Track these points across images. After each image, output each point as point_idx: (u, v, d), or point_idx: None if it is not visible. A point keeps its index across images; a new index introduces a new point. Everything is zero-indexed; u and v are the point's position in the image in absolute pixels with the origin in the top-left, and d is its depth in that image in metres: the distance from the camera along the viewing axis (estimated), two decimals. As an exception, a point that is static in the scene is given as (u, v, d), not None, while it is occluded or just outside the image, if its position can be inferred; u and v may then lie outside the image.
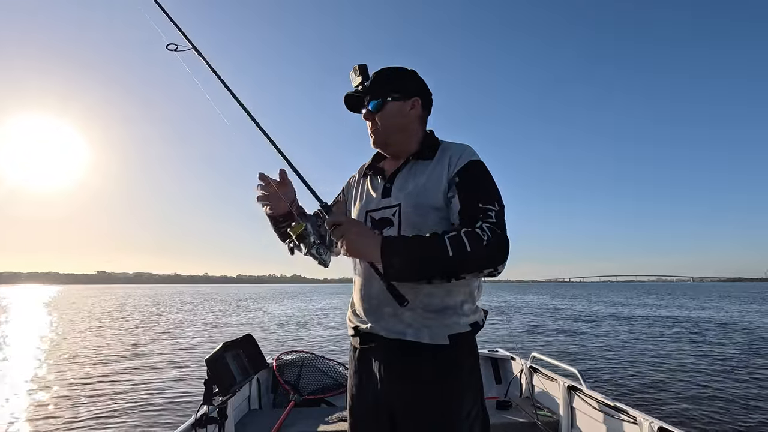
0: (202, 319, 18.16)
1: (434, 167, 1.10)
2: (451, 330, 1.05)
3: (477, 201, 1.00)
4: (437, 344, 1.04)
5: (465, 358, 1.07)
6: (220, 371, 1.51)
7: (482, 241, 0.91)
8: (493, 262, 0.93)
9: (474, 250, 0.90)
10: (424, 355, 1.04)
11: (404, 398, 1.04)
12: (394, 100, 1.14)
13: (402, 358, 1.06)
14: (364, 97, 1.16)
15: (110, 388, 6.22)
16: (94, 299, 42.34)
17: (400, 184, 1.13)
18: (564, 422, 2.50)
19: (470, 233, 0.92)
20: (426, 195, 1.07)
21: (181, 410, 5.09)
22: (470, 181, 1.04)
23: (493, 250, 0.92)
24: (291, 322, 16.61)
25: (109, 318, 19.08)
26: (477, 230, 0.93)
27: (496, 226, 0.95)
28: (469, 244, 0.90)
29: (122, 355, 9.04)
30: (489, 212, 0.98)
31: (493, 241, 0.92)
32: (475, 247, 0.90)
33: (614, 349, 9.53)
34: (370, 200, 1.18)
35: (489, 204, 0.99)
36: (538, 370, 2.90)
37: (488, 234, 0.92)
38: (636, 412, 2.01)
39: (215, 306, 28.80)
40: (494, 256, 0.92)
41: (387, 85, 1.14)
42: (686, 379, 6.58)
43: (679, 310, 21.64)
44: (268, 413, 2.74)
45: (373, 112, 1.14)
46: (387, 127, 1.14)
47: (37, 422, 4.80)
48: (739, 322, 15.07)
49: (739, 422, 4.59)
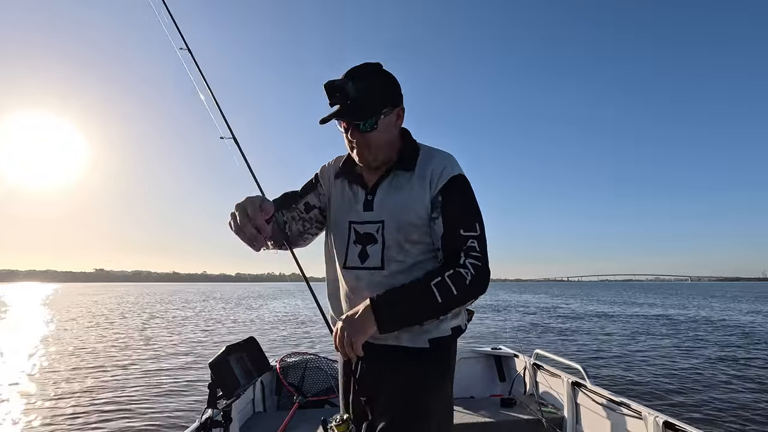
0: (204, 319, 18.17)
1: (415, 180, 1.07)
2: (431, 334, 1.08)
3: (459, 228, 1.02)
4: (417, 347, 1.07)
5: (444, 361, 1.11)
6: (224, 374, 1.50)
7: (466, 281, 0.97)
8: (475, 296, 1.00)
9: (460, 292, 0.96)
10: (404, 357, 1.08)
11: (380, 396, 1.08)
12: (386, 115, 1.05)
13: (381, 360, 1.09)
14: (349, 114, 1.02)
15: (113, 391, 6.21)
16: (93, 297, 42.34)
17: (382, 199, 1.09)
18: (569, 418, 2.49)
19: (454, 275, 0.97)
20: (408, 212, 1.05)
21: (185, 414, 5.10)
22: (452, 202, 1.04)
23: (476, 287, 0.98)
24: (293, 321, 16.65)
25: (110, 318, 19.06)
26: (460, 270, 0.98)
27: (477, 259, 1.00)
28: (454, 287, 0.96)
29: (124, 357, 9.03)
30: (471, 241, 1.01)
31: (476, 277, 0.98)
32: (461, 288, 0.96)
33: (617, 345, 9.63)
34: (351, 210, 1.14)
35: (471, 231, 1.02)
36: (542, 367, 2.89)
37: (471, 271, 0.97)
38: (641, 407, 2.00)
39: (216, 305, 28.82)
40: (477, 291, 0.99)
41: (379, 98, 1.03)
42: (689, 374, 6.63)
43: (679, 309, 21.76)
44: (272, 415, 2.74)
45: (364, 131, 1.03)
46: (379, 145, 1.05)
47: (37, 424, 4.79)
48: (739, 321, 15.10)
49: (743, 416, 4.61)
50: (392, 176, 1.10)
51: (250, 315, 20.08)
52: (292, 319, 17.82)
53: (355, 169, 1.17)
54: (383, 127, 1.05)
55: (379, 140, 1.06)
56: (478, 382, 3.32)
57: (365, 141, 1.05)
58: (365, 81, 1.02)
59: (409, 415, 1.04)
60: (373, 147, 1.06)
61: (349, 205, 1.16)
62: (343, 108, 1.01)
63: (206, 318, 18.86)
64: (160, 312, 22.55)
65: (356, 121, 1.03)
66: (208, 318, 18.86)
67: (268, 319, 17.80)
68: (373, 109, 1.02)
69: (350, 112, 1.01)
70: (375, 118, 1.03)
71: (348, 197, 1.17)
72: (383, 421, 1.04)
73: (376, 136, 1.04)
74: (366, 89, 1.01)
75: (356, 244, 1.13)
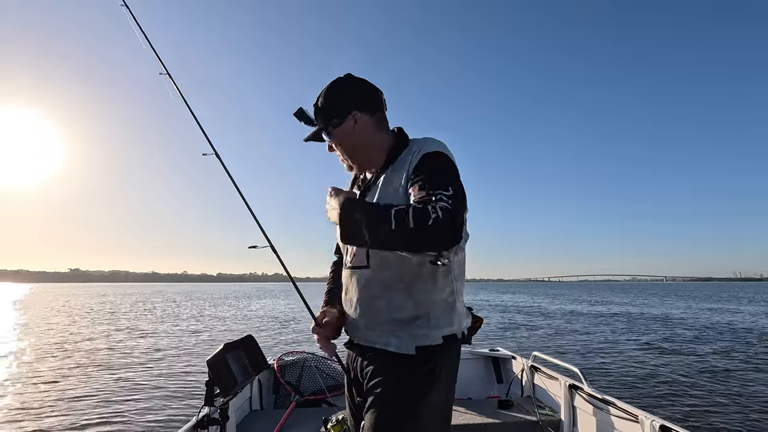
0: (193, 318, 17.89)
1: (394, 172, 1.11)
2: (419, 342, 1.06)
3: (429, 187, 0.94)
4: (403, 353, 1.06)
5: (432, 368, 1.06)
6: (222, 372, 1.51)
7: (428, 219, 0.83)
8: (433, 241, 0.84)
9: (416, 228, 0.83)
10: (389, 362, 1.08)
11: (368, 399, 1.10)
12: (335, 127, 1.15)
13: (371, 363, 1.13)
14: (320, 136, 1.19)
15: (108, 390, 6.11)
16: (72, 297, 41.01)
17: (373, 192, 1.15)
18: (565, 421, 2.50)
19: (417, 209, 0.85)
20: (394, 197, 1.06)
21: (182, 412, 5.04)
22: (423, 172, 1.01)
23: (436, 230, 0.83)
24: (283, 321, 16.50)
25: (95, 317, 18.58)
26: (428, 207, 0.86)
27: (447, 204, 0.87)
28: (412, 218, 0.84)
29: (116, 357, 8.85)
30: (442, 195, 0.91)
31: (441, 221, 0.83)
32: (419, 223, 0.83)
33: (612, 347, 9.69)
34: None
35: (441, 189, 0.92)
36: (539, 369, 2.89)
37: (438, 213, 0.84)
38: (637, 411, 2.01)
39: (201, 304, 28.33)
40: (436, 235, 0.83)
41: (324, 115, 1.16)
42: (687, 377, 6.69)
43: (670, 310, 22.14)
44: (269, 414, 2.73)
45: (330, 144, 1.20)
46: (348, 149, 1.18)
47: (35, 424, 4.68)
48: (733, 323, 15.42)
49: (739, 419, 4.66)
50: (384, 173, 1.14)
51: (241, 314, 19.84)
52: (286, 318, 17.68)
53: (360, 177, 1.28)
54: (340, 136, 1.16)
55: (346, 145, 1.17)
56: (476, 383, 3.33)
57: (342, 151, 1.19)
58: (315, 104, 1.18)
59: (390, 417, 1.03)
60: (346, 153, 1.18)
61: None
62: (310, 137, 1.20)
63: (198, 317, 18.59)
64: (147, 311, 22.12)
65: (317, 137, 1.19)
66: (200, 317, 18.60)
67: (264, 318, 17.64)
68: (323, 127, 1.17)
69: (312, 135, 1.20)
70: (327, 132, 1.17)
71: None
72: (366, 421, 1.07)
73: (341, 143, 1.17)
74: (316, 108, 1.18)
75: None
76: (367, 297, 1.11)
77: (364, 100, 1.15)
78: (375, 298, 1.10)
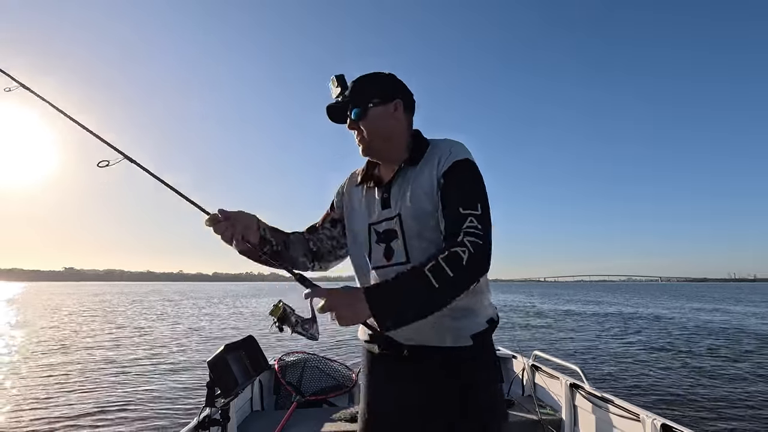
0: (192, 317, 17.84)
1: (423, 170, 1.10)
2: (471, 330, 1.08)
3: (458, 206, 0.99)
4: (462, 346, 1.06)
5: (487, 356, 1.11)
6: (222, 373, 1.50)
7: (462, 260, 0.89)
8: (474, 276, 0.92)
9: (457, 274, 0.88)
10: (448, 357, 1.06)
11: (430, 400, 1.06)
12: (375, 105, 1.13)
13: (426, 362, 1.08)
14: (346, 107, 1.14)
15: (108, 391, 6.09)
16: (66, 297, 40.73)
17: (397, 192, 1.12)
18: (566, 420, 2.50)
19: (448, 257, 0.89)
20: (421, 200, 1.07)
21: (183, 413, 5.04)
22: (453, 182, 1.04)
23: (474, 267, 0.91)
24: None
25: (91, 317, 18.47)
26: (456, 249, 0.90)
27: (477, 237, 0.93)
28: (450, 269, 0.88)
29: (115, 357, 8.80)
30: (471, 219, 0.96)
31: (474, 256, 0.90)
32: (457, 269, 0.89)
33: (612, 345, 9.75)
34: (372, 212, 1.17)
35: (471, 209, 0.98)
36: (540, 368, 2.90)
37: (469, 249, 0.90)
38: (638, 410, 2.01)
39: (199, 303, 28.22)
40: (475, 271, 0.92)
41: (366, 91, 1.13)
42: (687, 376, 6.73)
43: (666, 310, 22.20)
44: (270, 414, 2.72)
45: (356, 120, 1.13)
46: (372, 133, 1.13)
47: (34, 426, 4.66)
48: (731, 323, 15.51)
49: (740, 418, 4.68)
50: (403, 171, 1.14)
51: (238, 313, 19.77)
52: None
53: (373, 173, 1.22)
54: (376, 116, 1.13)
55: (372, 128, 1.13)
56: None
57: (359, 129, 1.14)
58: (360, 78, 1.16)
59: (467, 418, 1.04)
60: (367, 135, 1.13)
61: (368, 208, 1.19)
62: (333, 104, 1.15)
63: (197, 316, 18.53)
64: (145, 310, 22.00)
65: (345, 105, 1.14)
66: (198, 316, 18.53)
67: (261, 317, 17.59)
68: (360, 100, 1.13)
69: (339, 105, 1.15)
70: (363, 106, 1.13)
71: (367, 202, 1.20)
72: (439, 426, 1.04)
73: (369, 123, 1.13)
74: (354, 87, 1.14)
75: (379, 244, 1.14)
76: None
77: (407, 95, 1.19)
78: None
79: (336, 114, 1.17)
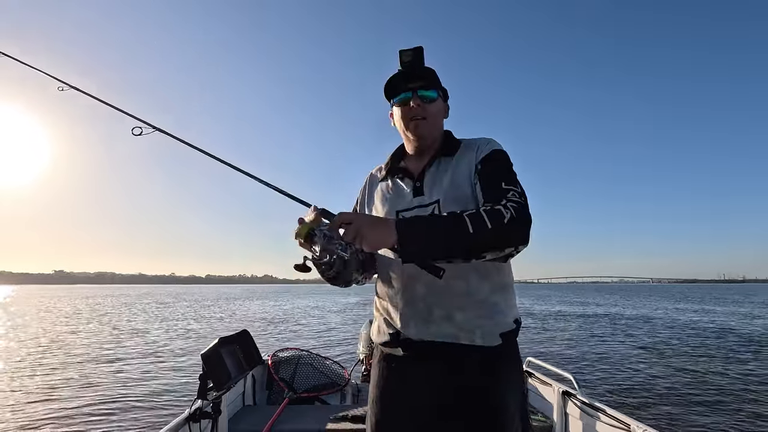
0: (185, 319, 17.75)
1: (460, 160, 1.10)
2: (501, 328, 1.03)
3: (501, 181, 0.99)
4: (490, 345, 1.02)
5: (516, 356, 1.08)
6: (215, 366, 1.52)
7: (504, 217, 0.88)
8: (514, 239, 0.90)
9: (495, 227, 0.87)
10: (478, 356, 1.01)
11: (459, 400, 1.01)
12: (444, 98, 1.16)
13: (457, 361, 1.02)
14: (419, 81, 1.10)
15: (103, 383, 6.12)
16: (56, 300, 40.19)
17: (432, 181, 1.10)
18: (558, 427, 2.49)
19: (491, 210, 0.89)
20: (460, 187, 1.06)
21: (175, 405, 5.04)
22: (494, 165, 1.05)
23: (515, 228, 0.89)
24: (273, 321, 16.40)
25: (83, 318, 18.34)
26: (500, 207, 0.90)
27: (520, 205, 0.93)
28: (489, 221, 0.87)
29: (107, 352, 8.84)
30: (513, 193, 0.96)
31: (516, 218, 0.89)
32: (496, 224, 0.87)
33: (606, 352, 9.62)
34: (400, 200, 1.13)
35: (512, 185, 0.98)
36: (534, 374, 2.90)
37: (511, 212, 0.89)
38: (629, 419, 2.01)
39: (192, 305, 27.99)
40: (515, 233, 0.89)
41: (439, 83, 1.13)
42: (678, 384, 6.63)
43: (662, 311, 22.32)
44: (262, 409, 2.73)
45: (430, 100, 1.11)
46: (434, 116, 1.12)
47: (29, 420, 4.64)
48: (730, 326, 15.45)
49: (730, 427, 4.63)
50: (436, 163, 1.13)
51: (231, 315, 19.64)
52: (276, 319, 17.58)
53: (401, 163, 1.20)
54: (440, 106, 1.14)
55: (436, 112, 1.13)
56: None
57: (425, 111, 1.11)
58: (431, 69, 1.12)
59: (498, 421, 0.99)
60: (430, 119, 1.11)
61: (396, 196, 1.16)
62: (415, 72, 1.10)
63: (190, 317, 18.42)
64: (138, 312, 21.83)
65: (428, 87, 1.11)
66: (191, 317, 18.43)
67: (253, 319, 17.54)
68: (437, 85, 1.13)
69: (424, 76, 1.10)
70: (438, 92, 1.13)
71: (395, 191, 1.17)
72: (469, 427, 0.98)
73: (435, 108, 1.12)
74: (431, 71, 1.11)
75: None
76: (442, 281, 0.95)
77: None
78: (452, 281, 1.00)
79: (414, 67, 1.10)
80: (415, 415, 1.04)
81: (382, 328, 1.12)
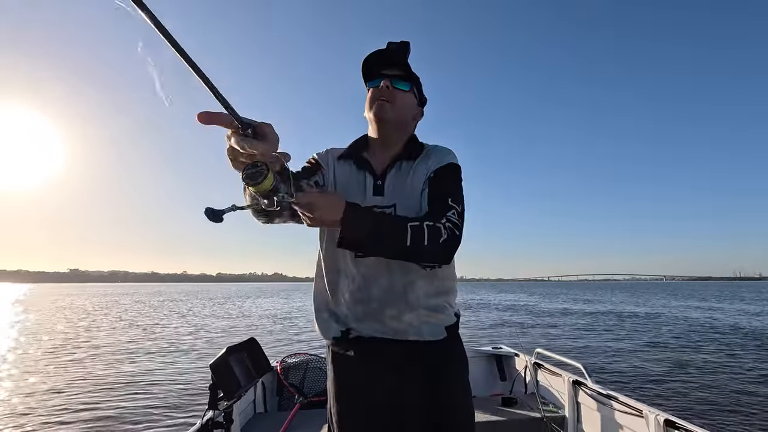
0: (196, 318, 17.90)
1: (419, 166, 1.12)
2: (445, 323, 1.11)
3: (448, 197, 1.04)
4: (438, 339, 1.10)
5: (460, 347, 1.17)
6: (225, 376, 1.51)
7: (440, 237, 0.94)
8: (440, 259, 0.98)
9: (429, 246, 0.93)
10: (425, 350, 1.09)
11: (416, 395, 1.07)
12: (416, 95, 1.17)
13: (405, 356, 1.08)
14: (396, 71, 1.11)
15: (113, 393, 6.09)
16: (72, 299, 40.98)
17: (392, 184, 1.11)
18: (570, 417, 2.50)
19: (432, 228, 0.94)
20: (414, 196, 1.09)
21: (186, 415, 5.04)
22: (447, 178, 1.09)
23: (446, 249, 0.96)
24: (284, 320, 16.51)
25: (98, 318, 18.56)
26: (440, 225, 0.95)
27: (456, 227, 0.98)
28: (427, 237, 0.93)
29: (120, 359, 8.83)
30: (454, 212, 1.00)
31: (448, 240, 0.95)
32: (432, 242, 0.93)
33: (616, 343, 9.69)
34: (359, 195, 1.12)
35: (456, 204, 1.02)
36: (543, 365, 2.90)
37: (448, 233, 0.95)
38: (641, 405, 2.01)
39: (204, 303, 28.32)
40: (444, 254, 0.97)
41: (417, 80, 1.15)
42: (690, 372, 6.72)
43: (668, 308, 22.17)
44: (273, 416, 2.72)
45: (402, 89, 1.11)
46: (402, 108, 1.12)
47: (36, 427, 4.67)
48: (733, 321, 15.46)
49: (743, 414, 4.66)
50: (398, 164, 1.14)
51: (243, 314, 19.84)
52: (286, 318, 17.66)
53: (363, 154, 1.17)
54: (411, 100, 1.14)
55: (404, 105, 1.13)
56: (480, 381, 3.32)
57: (393, 96, 1.11)
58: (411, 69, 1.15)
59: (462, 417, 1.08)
60: (396, 105, 1.11)
61: (357, 189, 1.14)
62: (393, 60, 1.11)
63: (201, 316, 18.61)
64: (148, 312, 22.05)
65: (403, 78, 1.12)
66: (202, 316, 18.61)
67: (265, 319, 17.61)
68: (414, 79, 1.14)
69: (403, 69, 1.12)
70: (412, 86, 1.14)
71: (355, 181, 1.15)
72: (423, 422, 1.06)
73: (404, 100, 1.13)
74: (411, 70, 1.13)
75: None
76: (394, 281, 1.06)
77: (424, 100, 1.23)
78: (407, 286, 1.06)
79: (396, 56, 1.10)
80: (374, 408, 1.08)
81: (331, 325, 1.13)
